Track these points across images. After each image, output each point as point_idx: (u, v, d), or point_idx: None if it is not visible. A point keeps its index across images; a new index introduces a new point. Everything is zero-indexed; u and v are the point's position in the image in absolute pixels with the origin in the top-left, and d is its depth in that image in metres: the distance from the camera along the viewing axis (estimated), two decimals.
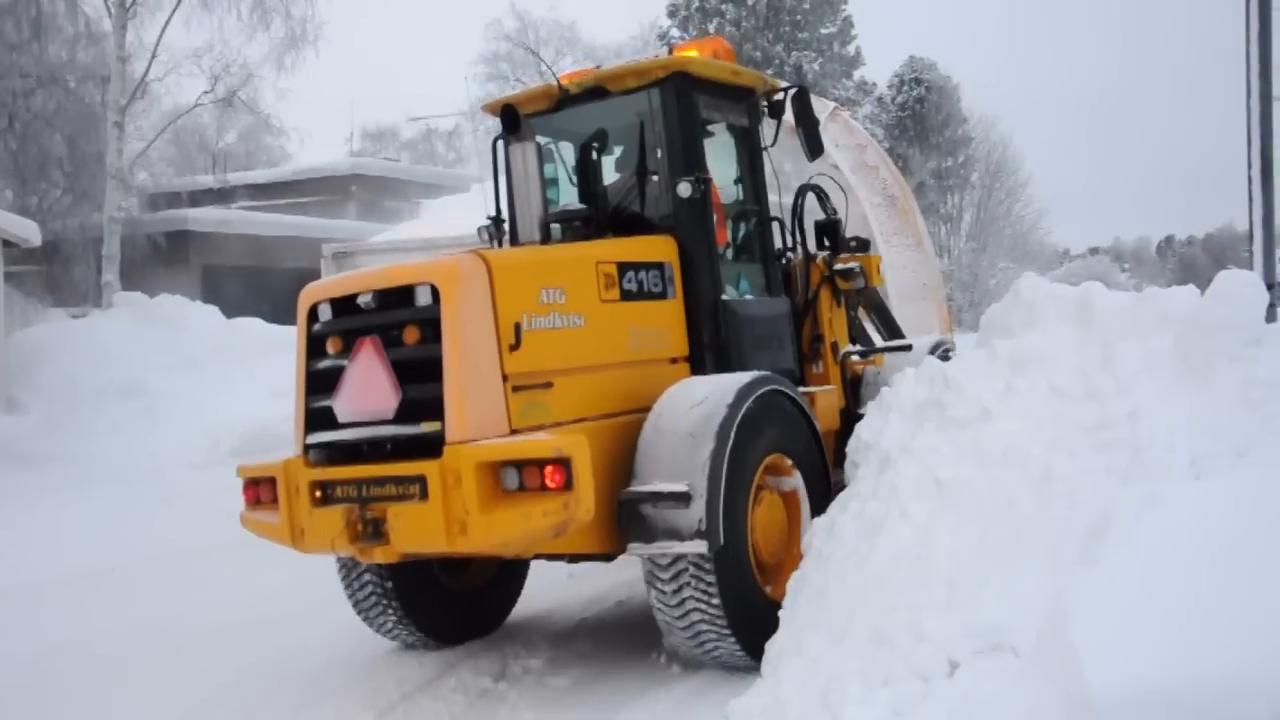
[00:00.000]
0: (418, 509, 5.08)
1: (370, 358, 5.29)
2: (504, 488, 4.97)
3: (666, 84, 6.62)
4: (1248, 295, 5.16)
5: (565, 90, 6.82)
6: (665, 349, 6.38)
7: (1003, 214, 50.06)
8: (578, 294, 5.76)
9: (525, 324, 5.37)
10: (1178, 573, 3.77)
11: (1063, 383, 5.24)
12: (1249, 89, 7.08)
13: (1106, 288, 5.87)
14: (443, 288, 5.21)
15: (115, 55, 23.67)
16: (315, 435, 5.57)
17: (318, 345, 5.64)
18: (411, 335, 5.26)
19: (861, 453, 5.72)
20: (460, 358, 5.13)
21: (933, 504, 4.99)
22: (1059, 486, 4.72)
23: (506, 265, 5.46)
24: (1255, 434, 4.70)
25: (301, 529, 5.56)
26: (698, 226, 6.58)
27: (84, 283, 26.18)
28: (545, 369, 5.46)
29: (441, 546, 5.12)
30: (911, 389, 5.82)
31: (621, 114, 6.84)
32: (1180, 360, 5.11)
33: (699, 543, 5.27)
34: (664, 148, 6.71)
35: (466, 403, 5.10)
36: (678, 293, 6.49)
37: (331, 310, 5.62)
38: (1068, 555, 4.28)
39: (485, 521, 4.96)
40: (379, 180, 37.53)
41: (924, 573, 4.66)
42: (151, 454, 15.07)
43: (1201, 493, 4.24)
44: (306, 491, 5.50)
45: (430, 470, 5.03)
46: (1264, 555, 3.75)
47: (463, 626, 6.76)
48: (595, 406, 5.70)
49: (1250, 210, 7.13)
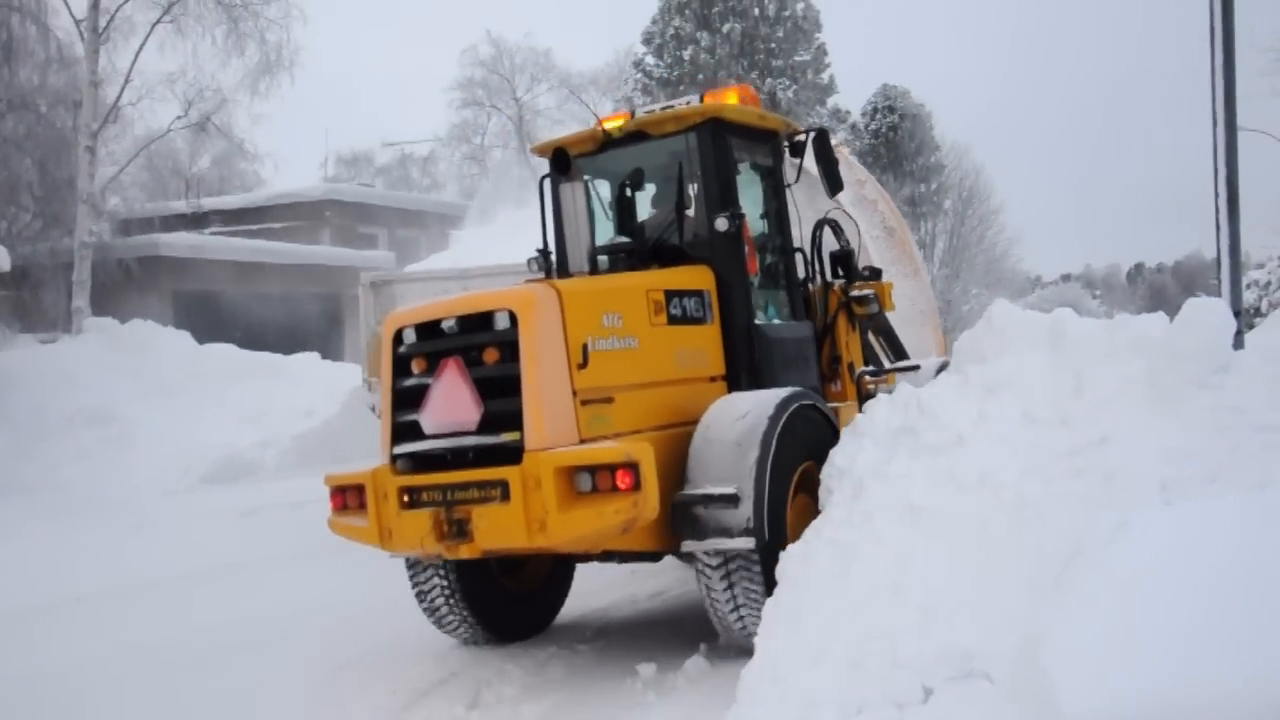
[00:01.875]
0: (500, 510, 5.73)
1: (454, 376, 5.95)
2: (578, 490, 5.64)
3: (703, 128, 7.30)
4: (1216, 322, 5.23)
5: (608, 134, 7.50)
6: (706, 368, 7.02)
7: (975, 241, 50.37)
8: (633, 318, 6.45)
9: (591, 345, 6.05)
10: (1150, 598, 3.80)
11: (1035, 409, 5.28)
12: (1215, 119, 7.18)
13: (1078, 314, 5.93)
14: (520, 313, 5.88)
15: (87, 80, 23.57)
16: (402, 446, 6.23)
17: (403, 366, 6.30)
18: (491, 355, 5.94)
19: (835, 479, 5.76)
20: (537, 375, 5.81)
21: (907, 530, 5.02)
22: (1032, 512, 4.75)
23: (575, 293, 6.15)
24: (1224, 460, 4.75)
25: (389, 530, 6.21)
26: (733, 258, 7.23)
27: (54, 308, 25.96)
28: (607, 385, 6.13)
29: (522, 543, 5.76)
30: (885, 415, 5.86)
31: (659, 155, 7.60)
32: (1151, 387, 5.16)
33: (747, 539, 5.89)
34: (700, 186, 7.44)
35: (543, 415, 5.78)
36: (715, 318, 7.16)
37: (416, 334, 6.27)
38: (1041, 581, 4.31)
39: (563, 519, 5.61)
40: (353, 206, 37.50)
41: (898, 599, 4.67)
42: (121, 481, 14.95)
43: (1172, 519, 4.27)
44: (394, 496, 6.17)
45: (512, 475, 5.70)
46: (1234, 581, 3.78)
47: (519, 623, 7.35)
48: (649, 419, 6.33)
49: (1218, 238, 7.22)
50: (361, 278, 13.59)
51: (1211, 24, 7.21)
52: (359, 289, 13.39)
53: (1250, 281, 41.24)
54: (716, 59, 42.17)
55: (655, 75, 41.96)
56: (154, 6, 25.50)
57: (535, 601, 7.56)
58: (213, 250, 29.51)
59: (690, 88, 39.92)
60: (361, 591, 8.93)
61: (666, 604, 8.27)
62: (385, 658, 7.07)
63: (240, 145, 30.33)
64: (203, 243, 29.96)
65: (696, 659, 6.18)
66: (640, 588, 8.66)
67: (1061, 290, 63.11)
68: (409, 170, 56.69)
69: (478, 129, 52.12)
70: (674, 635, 7.01)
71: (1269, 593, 3.69)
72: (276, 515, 13.07)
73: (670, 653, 6.42)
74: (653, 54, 43.59)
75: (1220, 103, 7.15)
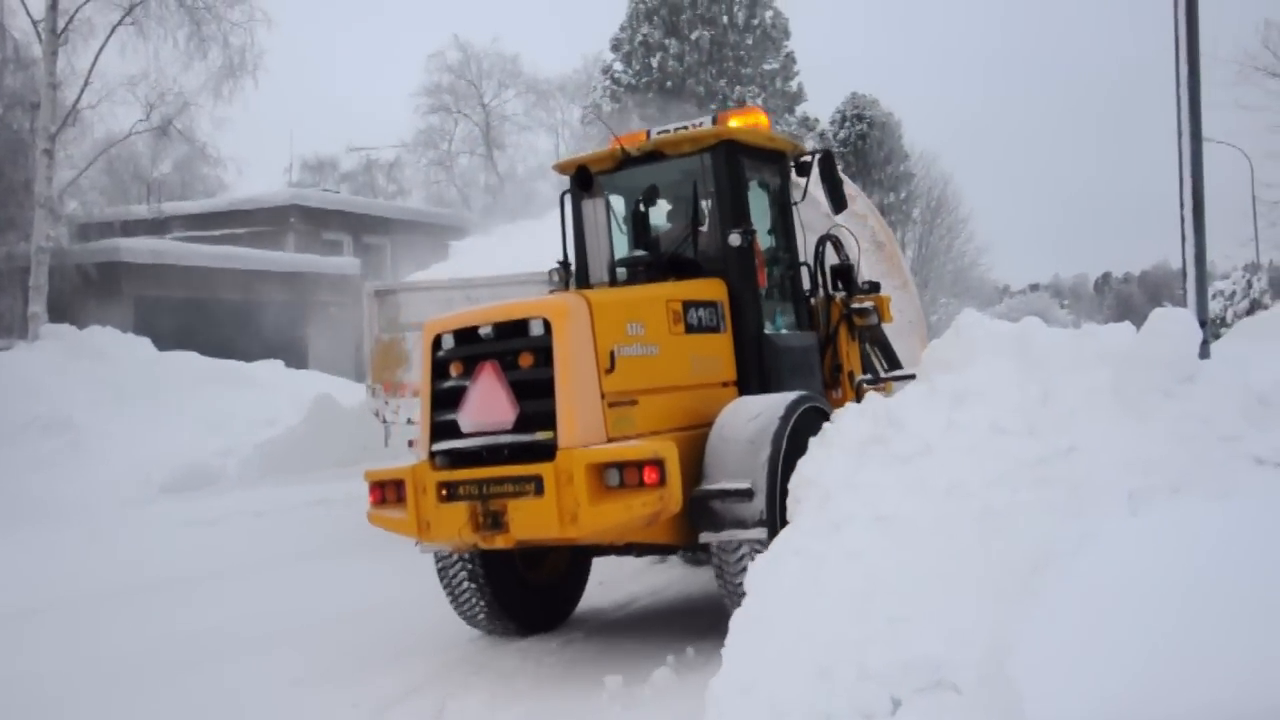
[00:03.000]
0: (534, 503, 6.24)
1: (490, 379, 6.50)
2: (607, 485, 6.14)
3: (718, 150, 7.88)
4: (1182, 332, 5.29)
5: (626, 153, 8.04)
6: (718, 374, 7.58)
7: (944, 250, 50.75)
8: (654, 327, 7.01)
9: (617, 351, 6.59)
10: (1116, 608, 3.83)
11: (1003, 418, 5.31)
12: (1180, 130, 7.25)
13: (1046, 323, 5.99)
14: (554, 321, 6.42)
15: (45, 81, 23.28)
16: (440, 444, 6.72)
17: (441, 369, 6.80)
18: (526, 360, 6.47)
19: (804, 488, 5.77)
20: (570, 379, 6.35)
21: (875, 540, 5.03)
22: (1000, 522, 4.78)
23: (603, 303, 6.72)
24: (1189, 470, 4.80)
25: (428, 522, 6.69)
26: (745, 271, 7.79)
27: (9, 314, 25.61)
28: (632, 389, 6.67)
29: (554, 534, 6.26)
30: (854, 424, 5.88)
31: (674, 174, 8.20)
32: (1117, 396, 5.21)
33: (760, 530, 6.37)
34: (715, 203, 8.04)
35: (575, 416, 6.31)
36: (728, 327, 7.71)
37: (454, 339, 6.79)
38: (1008, 591, 4.33)
39: (593, 512, 6.11)
40: (318, 211, 37.20)
41: (866, 609, 4.69)
42: (80, 491, 14.75)
43: (1138, 528, 4.32)
44: (433, 490, 6.65)
45: (546, 471, 6.21)
46: (1200, 591, 3.82)
47: (542, 615, 7.85)
48: (668, 421, 6.85)
49: (1183, 249, 7.28)
50: (365, 286, 13.91)
51: (1176, 35, 7.29)
52: (363, 297, 13.69)
53: (1216, 292, 41.91)
54: (685, 66, 42.29)
55: (624, 82, 42.04)
56: (114, 8, 25.26)
57: (555, 594, 8.09)
58: (174, 255, 29.23)
59: (659, 95, 40.02)
60: (327, 601, 8.87)
61: (633, 615, 8.27)
62: (350, 669, 7.00)
63: (203, 149, 29.99)
64: (164, 248, 29.66)
65: (664, 670, 6.18)
66: (608, 597, 8.66)
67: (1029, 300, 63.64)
68: (374, 176, 56.43)
69: (444, 135, 52.03)
70: (642, 646, 7.01)
71: (1234, 602, 3.73)
72: (238, 525, 12.95)
73: (638, 664, 6.42)
74: (621, 60, 43.69)
75: (1185, 114, 7.22)
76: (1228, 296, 41.23)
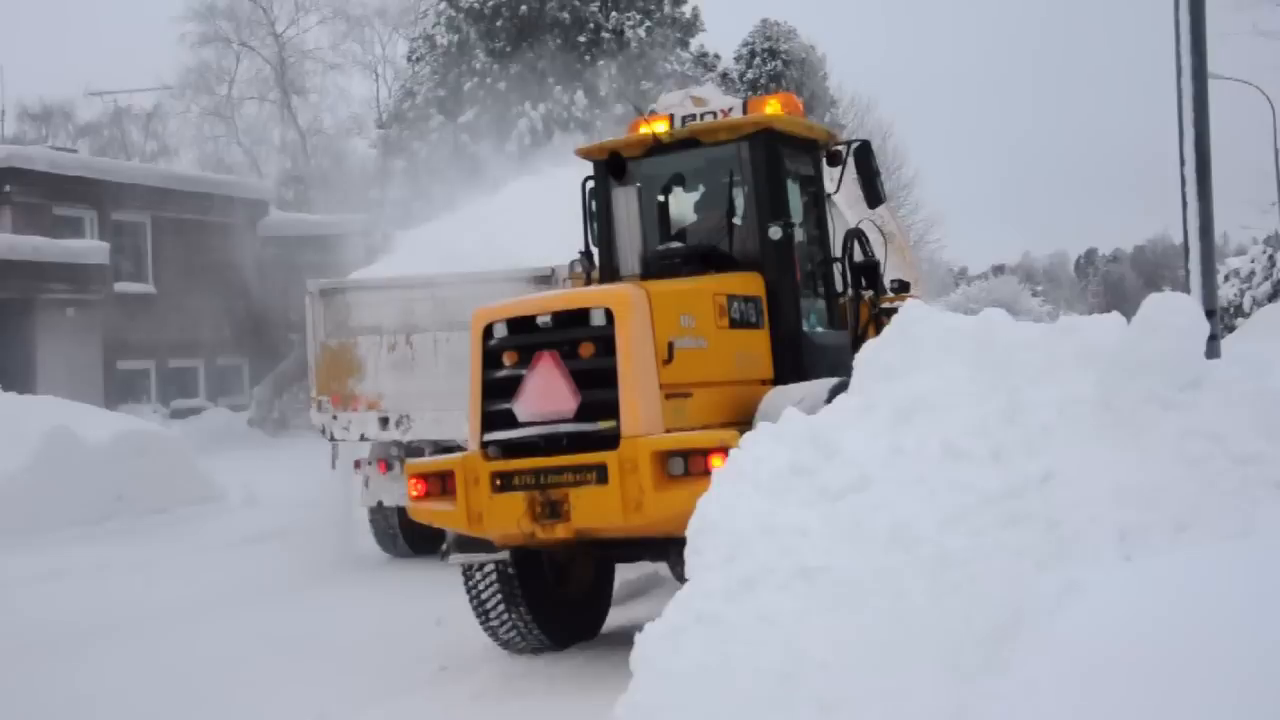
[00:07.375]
0: (597, 491, 7.89)
1: (549, 368, 8.09)
2: (670, 473, 7.73)
3: (756, 138, 9.59)
4: (1184, 325, 5.37)
5: (658, 139, 9.78)
6: (758, 371, 9.26)
7: None
8: (703, 320, 8.73)
9: (676, 343, 8.26)
10: (1105, 680, 3.88)
11: (959, 439, 5.38)
12: (1179, 67, 7.33)
13: (1012, 315, 6.09)
14: (617, 311, 8.10)
15: None
16: (493, 434, 8.35)
17: (494, 358, 8.42)
18: (587, 350, 8.13)
19: (705, 536, 5.68)
20: (633, 368, 8.03)
21: (799, 601, 5.05)
22: (957, 574, 4.84)
23: (661, 294, 8.44)
24: (1197, 500, 4.90)
25: (479, 514, 8.28)
26: (784, 266, 9.49)
27: None
28: (687, 381, 8.40)
29: (618, 522, 7.94)
30: (769, 450, 5.87)
31: (707, 162, 9.95)
32: (1103, 409, 5.30)
33: None
34: (752, 195, 9.71)
35: (638, 405, 7.99)
36: (765, 323, 9.39)
37: (507, 328, 8.40)
38: (969, 664, 4.38)
39: (658, 499, 7.69)
40: (46, 177, 35.75)
41: (789, 693, 4.71)
42: None
43: (1133, 577, 4.39)
44: (486, 481, 8.24)
45: (610, 459, 7.88)
46: (1210, 656, 3.87)
47: (572, 628, 9.58)
48: (718, 416, 8.47)
49: (1184, 218, 7.33)
50: (309, 285, 14.58)
51: None
52: (305, 298, 14.38)
53: (1228, 272, 42.75)
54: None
55: (464, 5, 41.62)
56: None
57: (584, 607, 9.90)
58: None
59: (511, 24, 39.80)
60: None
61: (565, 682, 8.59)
62: None
63: None
64: None
65: None
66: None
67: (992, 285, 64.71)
68: (126, 130, 55.24)
69: (223, 75, 51.23)
70: None
71: (1254, 670, 3.78)
72: None
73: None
74: None
75: (1187, 46, 7.29)
76: (1243, 278, 41.89)
